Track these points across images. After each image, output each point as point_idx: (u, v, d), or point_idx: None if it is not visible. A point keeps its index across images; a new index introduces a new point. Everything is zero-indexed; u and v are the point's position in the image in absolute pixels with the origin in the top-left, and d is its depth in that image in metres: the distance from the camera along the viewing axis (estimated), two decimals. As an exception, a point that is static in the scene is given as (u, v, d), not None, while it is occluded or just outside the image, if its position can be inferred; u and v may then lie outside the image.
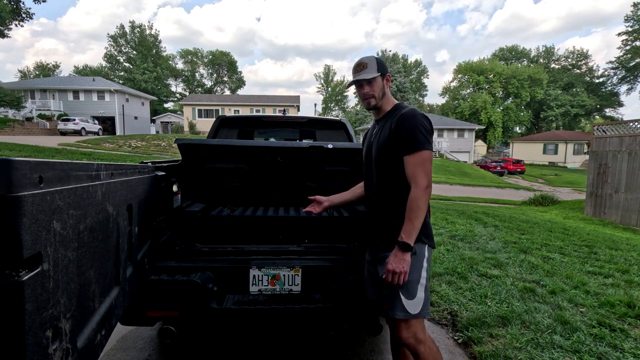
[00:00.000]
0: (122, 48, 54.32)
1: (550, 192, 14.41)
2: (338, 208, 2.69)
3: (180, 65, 62.19)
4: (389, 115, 1.65)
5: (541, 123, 54.13)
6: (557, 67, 58.03)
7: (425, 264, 1.57)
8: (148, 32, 55.00)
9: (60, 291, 0.73)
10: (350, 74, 1.74)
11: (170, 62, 59.24)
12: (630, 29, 43.30)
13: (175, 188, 2.09)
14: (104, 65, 54.99)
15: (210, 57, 62.75)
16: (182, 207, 2.31)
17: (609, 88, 51.73)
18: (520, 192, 17.31)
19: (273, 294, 1.91)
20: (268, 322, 1.91)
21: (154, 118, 44.69)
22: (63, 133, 25.87)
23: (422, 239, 1.56)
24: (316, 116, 4.28)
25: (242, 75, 66.71)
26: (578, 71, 56.48)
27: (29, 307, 0.60)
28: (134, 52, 53.98)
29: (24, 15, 23.77)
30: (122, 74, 53.67)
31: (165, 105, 58.61)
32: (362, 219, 2.49)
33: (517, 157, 38.75)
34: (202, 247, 2.09)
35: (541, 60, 58.94)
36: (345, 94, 66.69)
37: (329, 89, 67.36)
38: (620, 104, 52.94)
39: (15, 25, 24.18)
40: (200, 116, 37.19)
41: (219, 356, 2.37)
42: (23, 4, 23.29)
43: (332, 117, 3.80)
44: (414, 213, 1.47)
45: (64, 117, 28.10)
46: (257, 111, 35.80)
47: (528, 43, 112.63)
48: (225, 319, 1.85)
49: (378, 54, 49.58)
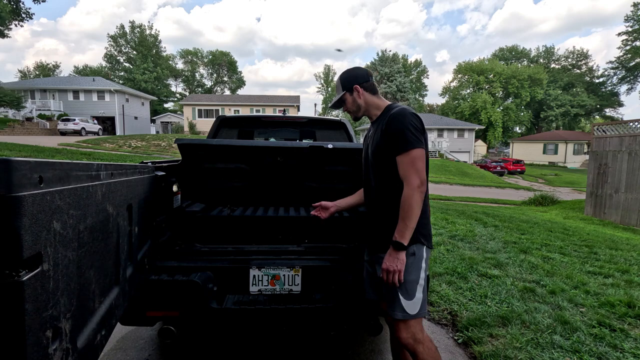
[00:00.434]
0: (122, 48, 54.32)
1: (550, 192, 14.41)
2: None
3: (180, 65, 62.28)
4: (380, 119, 1.66)
5: (541, 123, 54.13)
6: (557, 67, 58.04)
7: (423, 264, 1.57)
8: (148, 32, 55.01)
9: (60, 291, 0.73)
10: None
11: (170, 62, 59.25)
12: (630, 29, 43.29)
13: (175, 188, 2.09)
14: (104, 65, 55.03)
15: (210, 57, 62.75)
16: (182, 207, 2.31)
17: (609, 88, 51.73)
18: (520, 192, 17.31)
19: (273, 294, 1.91)
20: (268, 322, 1.91)
21: (154, 118, 44.69)
22: (63, 133, 25.87)
23: (421, 239, 1.56)
24: (316, 116, 4.27)
25: (242, 75, 66.80)
26: (578, 71, 56.48)
27: (29, 307, 0.60)
28: (134, 52, 53.96)
29: (23, 16, 23.78)
30: (122, 74, 53.67)
31: (165, 105, 58.61)
32: (362, 219, 2.49)
33: (517, 157, 38.76)
34: (202, 247, 2.09)
35: (541, 60, 58.93)
36: (345, 94, 66.50)
37: (329, 89, 67.31)
38: (620, 104, 52.97)
39: (15, 25, 24.20)
40: (200, 116, 37.19)
41: (219, 356, 2.37)
42: (23, 4, 23.31)
43: (332, 117, 3.80)
44: (407, 213, 1.47)
45: (64, 117, 28.10)
46: (257, 111, 35.80)
47: (528, 43, 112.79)
48: (225, 319, 1.85)
49: (378, 54, 49.63)
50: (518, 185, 21.71)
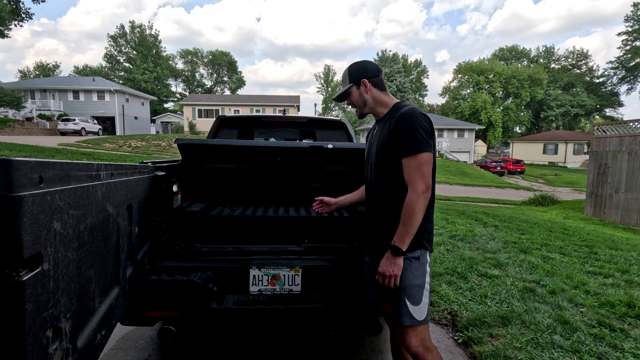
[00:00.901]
0: (122, 48, 54.32)
1: (550, 192, 14.40)
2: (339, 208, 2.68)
3: (180, 65, 62.28)
4: (388, 117, 1.58)
5: (541, 123, 54.13)
6: (557, 67, 58.04)
7: (428, 269, 1.55)
8: (148, 32, 55.01)
9: (61, 291, 0.73)
10: None
11: (170, 62, 59.24)
12: (630, 29, 43.29)
13: (175, 188, 2.09)
14: (104, 65, 55.02)
15: (210, 57, 62.74)
16: (182, 207, 2.31)
17: (609, 88, 51.74)
18: (520, 192, 17.31)
19: (273, 294, 1.91)
20: (268, 322, 1.91)
21: (154, 118, 44.69)
22: (63, 133, 25.87)
23: (425, 244, 1.53)
24: (316, 116, 4.27)
25: (242, 75, 66.80)
26: (578, 71, 56.49)
27: (29, 307, 0.60)
28: (134, 52, 53.96)
29: (23, 16, 23.78)
30: (122, 74, 53.66)
31: (165, 105, 58.60)
32: (362, 218, 2.49)
33: (517, 157, 38.76)
34: (202, 247, 2.09)
35: (541, 60, 58.94)
36: (345, 94, 66.51)
37: (329, 89, 67.31)
38: (620, 104, 52.97)
39: (15, 25, 24.20)
40: (200, 116, 37.19)
41: (219, 356, 2.37)
42: (22, 4, 23.30)
43: (332, 117, 3.80)
44: (408, 218, 1.41)
45: (64, 117, 28.10)
46: (257, 111, 35.80)
47: (528, 43, 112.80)
48: (225, 319, 1.85)
49: (378, 54, 49.55)
50: (518, 185, 21.71)
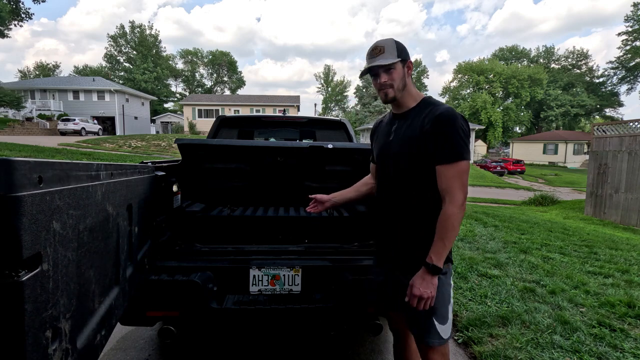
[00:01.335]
0: (122, 48, 54.31)
1: (550, 192, 14.40)
2: (339, 208, 2.68)
3: (180, 65, 62.25)
4: (417, 112, 1.40)
5: (541, 123, 54.12)
6: (557, 67, 58.01)
7: (451, 282, 1.45)
8: (148, 32, 54.99)
9: (60, 291, 0.73)
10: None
11: (170, 62, 59.23)
12: (630, 29, 43.28)
13: (175, 188, 2.09)
14: (104, 65, 55.01)
15: (210, 57, 62.73)
16: (182, 207, 2.31)
17: (609, 88, 51.72)
18: (520, 192, 17.31)
19: (273, 294, 1.91)
20: (268, 322, 1.91)
21: (154, 118, 44.69)
22: (63, 133, 25.86)
23: (450, 257, 1.42)
24: (316, 116, 4.27)
25: (242, 75, 66.77)
26: (578, 71, 56.46)
27: (29, 308, 0.60)
28: (134, 52, 53.95)
29: (23, 16, 23.76)
30: (122, 74, 53.66)
31: (165, 105, 58.60)
32: (362, 218, 2.49)
33: (517, 157, 38.76)
34: (202, 247, 2.09)
35: (541, 60, 58.92)
36: (345, 94, 66.71)
37: (329, 89, 67.33)
38: (620, 104, 52.95)
39: (15, 25, 24.19)
40: (200, 116, 37.18)
41: (219, 356, 2.37)
42: (22, 4, 23.29)
43: (332, 117, 3.80)
44: (448, 232, 1.28)
45: (64, 117, 28.10)
46: (257, 111, 35.79)
47: (528, 43, 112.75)
48: (225, 319, 1.85)
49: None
50: (518, 185, 21.71)
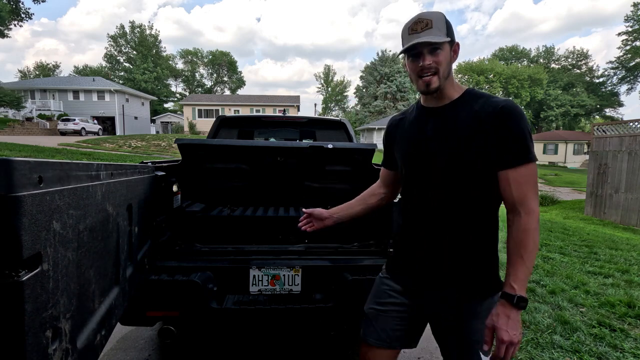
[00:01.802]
0: (122, 48, 54.33)
1: (550, 192, 14.41)
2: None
3: (180, 65, 62.28)
4: (462, 105, 1.15)
5: (541, 123, 54.12)
6: (557, 67, 58.05)
7: None
8: (148, 32, 55.03)
9: (60, 291, 0.73)
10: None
11: (170, 62, 59.25)
12: (630, 29, 43.28)
13: (175, 188, 2.09)
14: (104, 65, 55.04)
15: (210, 57, 62.75)
16: (182, 207, 2.31)
17: (609, 88, 51.73)
18: (520, 192, 17.27)
19: (273, 294, 1.91)
20: (268, 322, 1.91)
21: (154, 118, 44.70)
22: (63, 133, 25.87)
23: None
24: (316, 116, 4.27)
25: (242, 75, 66.80)
26: (578, 71, 56.48)
27: (29, 308, 0.60)
28: (134, 52, 53.96)
29: (23, 16, 23.77)
30: (122, 74, 53.68)
31: (165, 105, 58.60)
32: (362, 218, 2.48)
33: (517, 157, 38.67)
34: (202, 247, 2.09)
35: (541, 60, 58.95)
36: (345, 94, 66.72)
37: (329, 89, 67.34)
38: (620, 104, 52.96)
39: (15, 25, 24.20)
40: (200, 116, 37.20)
41: (219, 356, 2.37)
42: (22, 3, 23.30)
43: (332, 117, 3.80)
44: (529, 251, 1.05)
45: (64, 117, 28.11)
46: (257, 111, 35.80)
47: (528, 43, 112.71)
48: (225, 319, 1.85)
49: (378, 54, 49.47)
50: (518, 185, 21.68)
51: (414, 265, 1.24)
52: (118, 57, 54.67)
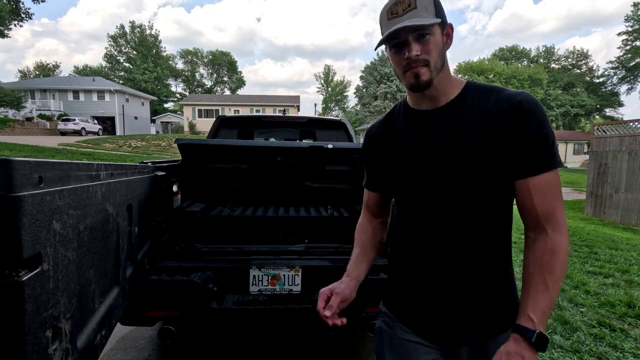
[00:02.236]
0: (122, 48, 54.33)
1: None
2: (338, 208, 2.68)
3: (180, 65, 62.26)
4: (464, 103, 0.90)
5: (541, 123, 54.08)
6: (557, 67, 58.03)
7: None
8: (148, 32, 55.02)
9: (60, 291, 0.73)
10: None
11: (170, 62, 59.24)
12: (630, 29, 43.28)
13: (175, 188, 2.09)
14: (104, 65, 55.03)
15: (210, 57, 62.74)
16: (182, 207, 2.31)
17: (609, 88, 51.72)
18: (520, 192, 17.28)
19: (273, 294, 1.91)
20: (268, 322, 1.91)
21: (154, 118, 44.70)
22: (63, 133, 25.87)
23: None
24: (316, 116, 4.28)
25: (242, 75, 66.77)
26: (578, 71, 56.47)
27: (29, 307, 0.60)
28: (134, 52, 53.97)
29: (23, 16, 23.78)
30: (122, 74, 53.68)
31: (165, 105, 58.59)
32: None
33: (517, 157, 38.69)
34: (202, 247, 2.09)
35: (541, 60, 58.94)
36: (345, 94, 66.71)
37: (329, 89, 67.32)
38: (621, 104, 52.95)
39: (15, 25, 24.21)
40: (200, 116, 37.19)
41: (219, 356, 2.37)
42: (22, 3, 23.30)
43: (332, 117, 3.80)
44: (557, 277, 0.81)
45: (64, 117, 28.11)
46: (257, 111, 35.80)
47: (528, 43, 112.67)
48: (225, 319, 1.85)
49: (378, 54, 49.43)
50: (518, 185, 21.70)
51: (415, 310, 1.01)
52: (118, 57, 54.69)
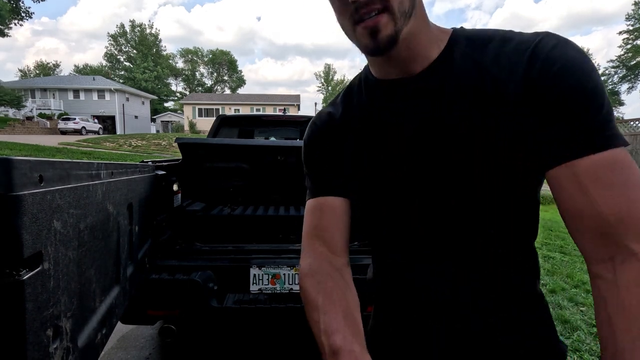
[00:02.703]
0: (123, 47, 54.34)
1: (550, 191, 14.40)
2: None
3: (180, 64, 62.26)
4: (449, 65, 0.56)
5: (542, 122, 54.10)
6: (557, 66, 58.02)
7: None
8: (148, 31, 55.04)
9: (61, 290, 0.73)
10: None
11: (170, 61, 59.25)
12: (631, 28, 43.24)
13: (175, 187, 2.09)
14: (104, 64, 55.05)
15: (211, 56, 62.71)
16: (183, 206, 2.31)
17: (610, 87, 51.61)
18: (521, 191, 17.29)
19: (273, 293, 1.91)
20: (268, 321, 1.91)
21: (154, 117, 44.73)
22: (63, 132, 25.87)
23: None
24: None
25: (242, 74, 66.73)
26: (579, 70, 56.44)
27: (30, 307, 0.60)
28: (134, 51, 53.98)
29: (23, 15, 23.80)
30: (122, 73, 53.69)
31: (166, 105, 58.60)
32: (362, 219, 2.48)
33: (518, 156, 38.72)
34: (202, 246, 2.09)
35: (542, 59, 58.91)
36: (346, 93, 66.53)
37: (329, 88, 67.27)
38: (621, 103, 52.87)
39: (15, 24, 24.23)
40: (200, 115, 37.22)
41: (219, 355, 2.38)
42: (23, 3, 23.33)
43: None
44: None
45: (64, 116, 28.12)
46: (258, 110, 35.80)
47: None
48: (226, 318, 1.85)
49: (378, 53, 49.05)
50: (518, 184, 21.70)
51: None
52: (118, 56, 54.70)
